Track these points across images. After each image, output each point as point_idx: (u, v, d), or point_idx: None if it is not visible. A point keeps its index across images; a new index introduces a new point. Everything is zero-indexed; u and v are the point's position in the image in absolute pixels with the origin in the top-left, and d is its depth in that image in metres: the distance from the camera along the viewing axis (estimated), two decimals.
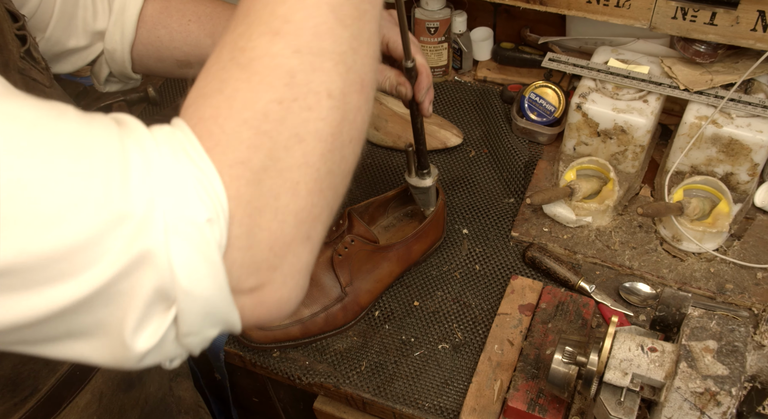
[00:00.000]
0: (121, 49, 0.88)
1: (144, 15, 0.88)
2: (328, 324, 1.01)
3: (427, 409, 0.95)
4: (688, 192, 1.08)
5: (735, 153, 1.05)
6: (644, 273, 1.05)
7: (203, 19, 0.89)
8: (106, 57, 0.90)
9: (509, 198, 1.18)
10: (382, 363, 1.00)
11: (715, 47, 1.06)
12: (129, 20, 0.87)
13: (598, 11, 1.08)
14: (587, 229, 1.10)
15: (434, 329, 1.03)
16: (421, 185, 1.00)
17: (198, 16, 0.89)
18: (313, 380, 1.00)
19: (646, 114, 1.08)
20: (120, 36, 0.87)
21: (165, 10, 0.89)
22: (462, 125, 1.30)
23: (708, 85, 1.05)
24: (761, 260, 1.03)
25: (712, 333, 0.74)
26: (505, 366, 0.95)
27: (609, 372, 0.75)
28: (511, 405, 0.90)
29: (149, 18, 0.88)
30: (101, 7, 0.86)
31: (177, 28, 0.89)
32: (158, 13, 0.89)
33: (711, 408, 0.70)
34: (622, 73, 1.11)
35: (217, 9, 0.90)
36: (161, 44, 0.90)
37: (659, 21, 1.05)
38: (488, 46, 1.37)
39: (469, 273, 1.09)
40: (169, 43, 0.90)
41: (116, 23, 0.87)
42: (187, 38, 0.89)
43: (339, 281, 1.01)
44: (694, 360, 0.72)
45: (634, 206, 1.13)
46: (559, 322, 0.98)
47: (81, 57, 0.88)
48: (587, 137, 1.14)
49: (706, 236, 1.03)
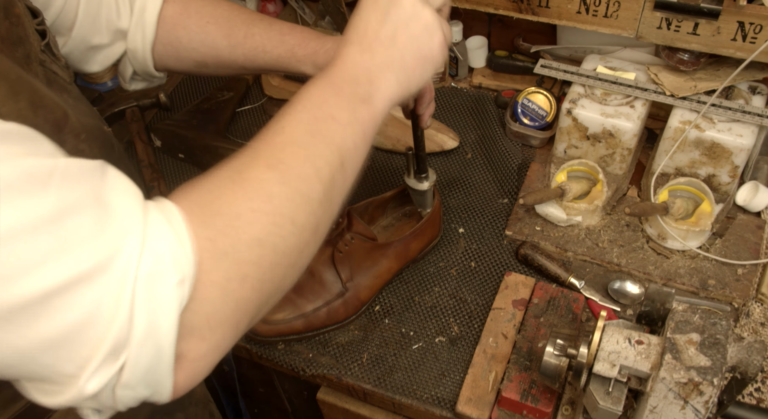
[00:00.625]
0: (143, 48, 0.89)
1: (164, 16, 0.88)
2: (330, 318, 1.02)
3: (425, 399, 0.96)
4: (672, 193, 1.09)
5: (717, 156, 1.06)
6: (631, 270, 1.06)
7: (220, 21, 0.90)
8: (129, 56, 0.90)
9: (503, 199, 1.19)
10: (382, 356, 1.01)
11: (697, 56, 1.07)
12: (149, 20, 0.87)
13: (587, 21, 1.09)
14: (577, 228, 1.11)
15: (432, 323, 1.04)
16: (418, 188, 1.02)
17: (216, 18, 0.90)
18: (316, 371, 1.00)
19: (633, 119, 1.09)
20: (141, 36, 0.88)
21: (184, 12, 0.89)
22: (458, 128, 1.31)
23: (692, 91, 1.07)
24: (741, 257, 1.04)
25: (695, 326, 0.75)
26: (500, 358, 0.96)
27: (598, 364, 0.76)
28: (505, 396, 0.91)
29: (169, 19, 0.89)
30: (123, 7, 0.86)
31: (195, 29, 0.89)
32: (178, 15, 0.89)
33: (694, 397, 0.71)
34: (609, 79, 1.12)
35: (234, 12, 0.91)
36: (180, 45, 0.90)
37: (645, 31, 1.06)
38: (483, 54, 1.38)
39: (465, 270, 1.10)
40: (188, 44, 0.90)
41: (137, 24, 0.87)
42: (204, 39, 0.90)
43: (340, 277, 1.02)
44: (679, 352, 0.73)
45: (621, 206, 1.14)
46: (551, 316, 0.99)
47: (106, 56, 0.88)
48: (577, 141, 1.15)
49: (690, 234, 1.04)
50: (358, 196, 1.22)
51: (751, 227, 1.08)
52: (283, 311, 1.01)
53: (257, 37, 0.89)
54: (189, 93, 1.46)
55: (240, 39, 0.89)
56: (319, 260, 1.02)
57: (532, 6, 1.11)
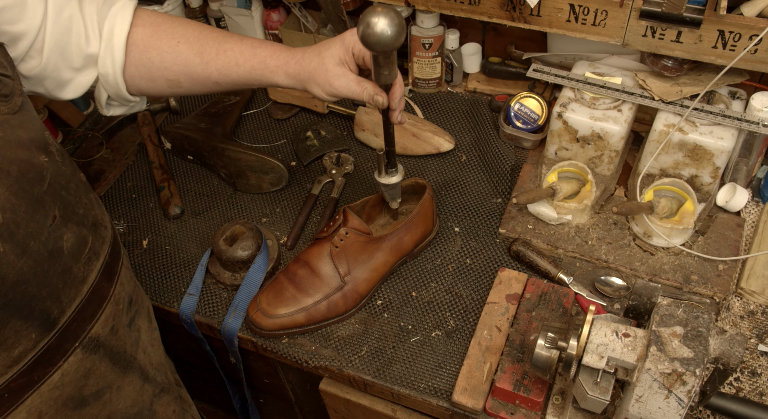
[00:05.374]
0: (113, 72, 0.87)
1: (134, 39, 0.88)
2: (330, 311, 1.02)
3: (422, 390, 0.97)
4: (657, 193, 1.09)
5: (699, 157, 1.07)
6: (618, 266, 1.06)
7: (191, 40, 0.89)
8: (101, 81, 0.89)
9: (497, 198, 1.20)
10: (382, 348, 1.01)
11: (681, 62, 1.08)
12: (118, 44, 0.86)
13: (577, 29, 1.09)
14: (567, 226, 1.12)
15: (429, 317, 1.05)
16: (390, 182, 1.00)
17: (186, 37, 0.89)
18: (318, 363, 1.01)
19: (620, 122, 1.10)
20: (111, 60, 0.87)
21: (155, 34, 0.89)
22: (454, 132, 1.32)
23: (678, 96, 1.07)
24: (722, 254, 1.05)
25: (679, 319, 0.75)
26: (494, 350, 0.97)
27: (587, 356, 0.76)
28: (498, 386, 0.91)
29: (140, 42, 0.88)
30: (92, 33, 0.85)
31: (167, 50, 0.89)
32: (149, 37, 0.88)
33: (678, 387, 0.72)
34: (598, 83, 1.12)
35: (205, 31, 0.90)
36: (153, 65, 0.89)
37: (631, 38, 1.06)
38: (477, 60, 1.38)
39: (461, 266, 1.11)
40: (160, 64, 0.89)
41: (107, 49, 0.86)
42: (177, 58, 0.89)
43: (338, 271, 1.02)
44: (663, 344, 0.73)
45: (609, 205, 1.14)
46: (542, 310, 1.00)
47: (80, 82, 0.87)
48: (567, 143, 1.16)
49: (674, 232, 1.05)
50: (355, 195, 1.22)
51: (731, 226, 1.09)
52: (285, 306, 1.01)
53: (229, 52, 0.89)
54: (197, 97, 1.46)
55: (212, 55, 0.89)
56: (318, 256, 1.03)
57: (524, 14, 1.11)
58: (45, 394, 0.70)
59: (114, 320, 0.77)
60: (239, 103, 1.38)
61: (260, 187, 1.24)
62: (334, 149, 1.30)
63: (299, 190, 1.25)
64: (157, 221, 1.23)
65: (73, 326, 0.71)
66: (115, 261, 0.78)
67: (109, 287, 0.76)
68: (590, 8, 1.05)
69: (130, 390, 0.84)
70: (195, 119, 1.34)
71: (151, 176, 1.31)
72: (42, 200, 0.65)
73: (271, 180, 1.23)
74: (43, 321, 0.67)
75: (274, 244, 1.13)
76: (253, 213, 1.22)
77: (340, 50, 0.85)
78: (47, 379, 0.70)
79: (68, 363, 0.71)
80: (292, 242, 1.16)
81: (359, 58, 0.85)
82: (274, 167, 1.21)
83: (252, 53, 0.89)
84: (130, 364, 0.82)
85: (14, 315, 0.63)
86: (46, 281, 0.66)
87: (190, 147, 1.30)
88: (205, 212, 1.24)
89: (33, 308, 0.65)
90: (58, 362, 0.70)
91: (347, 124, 1.36)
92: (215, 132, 1.30)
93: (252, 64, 0.89)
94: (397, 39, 0.72)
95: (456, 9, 1.16)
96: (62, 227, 0.68)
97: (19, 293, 0.63)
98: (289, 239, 1.17)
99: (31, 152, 0.67)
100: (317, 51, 0.86)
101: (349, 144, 1.32)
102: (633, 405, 0.76)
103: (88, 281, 0.72)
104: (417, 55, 1.32)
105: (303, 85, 0.89)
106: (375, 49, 0.73)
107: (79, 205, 0.72)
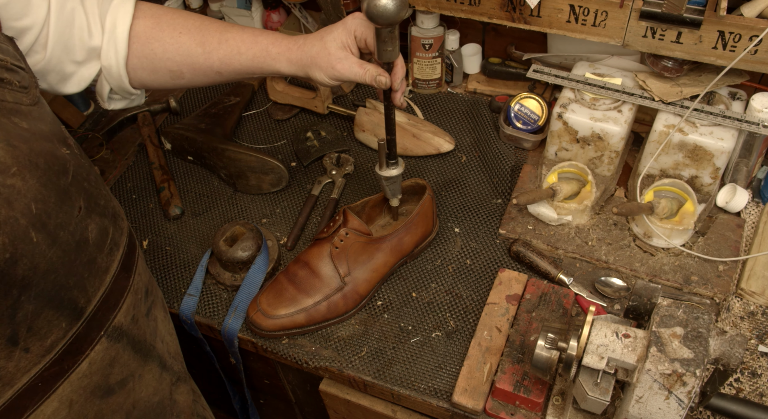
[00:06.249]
0: (117, 64, 0.88)
1: (137, 31, 0.88)
2: (331, 311, 1.02)
3: (422, 390, 0.96)
4: (657, 193, 1.09)
5: (699, 158, 1.06)
6: (619, 267, 1.06)
7: (193, 31, 0.90)
8: (104, 73, 0.89)
9: (497, 199, 1.20)
10: (382, 349, 1.01)
11: (681, 63, 1.08)
12: (121, 36, 0.87)
13: (577, 30, 1.09)
14: (567, 227, 1.12)
15: (429, 317, 1.04)
16: (391, 175, 0.99)
17: (188, 28, 0.90)
18: (318, 364, 1.01)
19: (620, 123, 1.09)
20: (114, 52, 0.87)
21: (157, 26, 0.89)
22: (454, 132, 1.31)
23: (679, 96, 1.07)
24: (722, 255, 1.05)
25: (679, 320, 0.75)
26: (494, 350, 0.96)
27: (587, 357, 0.76)
28: (498, 387, 0.91)
29: (142, 34, 0.89)
30: (95, 26, 0.85)
31: (169, 41, 0.89)
32: (151, 29, 0.89)
33: (678, 387, 0.72)
34: (598, 84, 1.12)
35: (206, 22, 0.91)
36: (155, 56, 0.90)
37: (631, 39, 1.06)
38: (477, 61, 1.38)
39: (461, 267, 1.10)
40: (163, 55, 0.90)
41: (109, 41, 0.87)
42: (179, 49, 0.90)
43: (338, 271, 1.02)
44: (663, 345, 0.73)
45: (609, 206, 1.14)
46: (542, 311, 0.99)
47: (82, 76, 0.87)
48: (567, 144, 1.15)
49: (674, 233, 1.05)
50: (355, 196, 1.22)
51: (732, 226, 1.08)
52: (285, 306, 1.01)
53: (231, 41, 0.90)
54: (197, 98, 1.46)
55: (214, 45, 0.90)
56: (318, 256, 1.02)
57: (524, 15, 1.11)
58: (75, 383, 0.72)
59: (134, 309, 0.79)
60: (239, 104, 1.38)
61: (260, 187, 1.24)
62: (334, 150, 1.30)
63: (299, 191, 1.25)
64: (157, 221, 1.23)
65: (99, 315, 0.72)
66: (132, 252, 0.79)
67: (128, 277, 0.77)
68: (590, 9, 1.04)
69: (150, 378, 0.85)
70: (195, 119, 1.34)
71: (151, 176, 1.30)
72: (68, 192, 0.66)
73: (271, 181, 1.22)
74: (71, 311, 0.68)
75: (274, 245, 1.13)
76: (253, 214, 1.22)
77: (342, 34, 0.86)
78: (76, 368, 0.71)
79: (95, 352, 0.73)
80: (292, 242, 1.16)
81: (361, 41, 0.87)
82: (274, 167, 1.21)
83: (254, 41, 0.90)
84: (149, 353, 0.84)
85: (47, 304, 0.64)
86: (73, 271, 0.67)
87: (190, 148, 1.29)
88: (205, 212, 1.23)
89: (62, 298, 0.66)
90: (85, 351, 0.71)
91: (347, 124, 1.36)
92: (215, 133, 1.30)
93: (254, 52, 0.90)
94: (400, 11, 0.74)
95: (456, 10, 1.16)
96: (87, 218, 0.69)
97: (50, 283, 0.64)
98: (289, 239, 1.16)
99: (54, 144, 0.68)
100: (319, 36, 0.88)
101: (349, 145, 1.32)
102: (633, 406, 0.75)
103: (110, 272, 0.73)
104: (417, 55, 1.32)
105: (305, 71, 0.89)
106: (379, 22, 0.75)
107: (100, 196, 0.73)
